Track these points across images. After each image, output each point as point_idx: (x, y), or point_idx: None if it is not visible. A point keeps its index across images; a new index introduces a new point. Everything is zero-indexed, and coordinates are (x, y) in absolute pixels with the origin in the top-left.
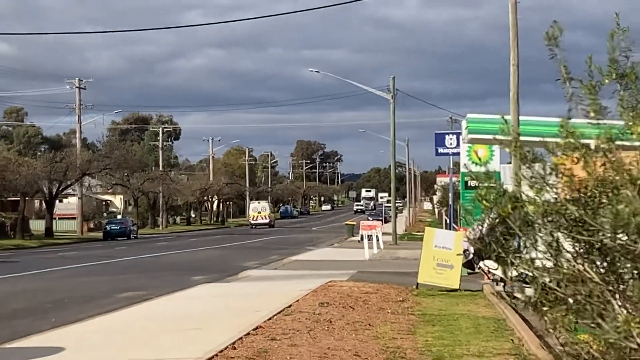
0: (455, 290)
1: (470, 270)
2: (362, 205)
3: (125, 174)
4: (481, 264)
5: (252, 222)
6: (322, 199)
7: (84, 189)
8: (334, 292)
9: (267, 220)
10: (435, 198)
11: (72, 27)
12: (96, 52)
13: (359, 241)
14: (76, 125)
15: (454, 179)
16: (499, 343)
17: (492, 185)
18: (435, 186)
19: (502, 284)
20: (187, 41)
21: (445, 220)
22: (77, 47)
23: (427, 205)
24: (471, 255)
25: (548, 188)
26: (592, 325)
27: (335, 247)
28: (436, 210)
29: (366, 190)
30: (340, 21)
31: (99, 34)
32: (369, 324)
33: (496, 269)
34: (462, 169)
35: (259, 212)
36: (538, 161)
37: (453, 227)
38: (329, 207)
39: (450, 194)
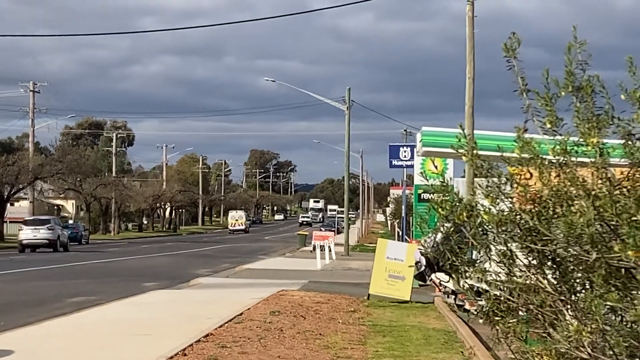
0: (407, 301)
1: (421, 282)
2: (308, 217)
3: (78, 179)
4: (433, 276)
5: (231, 228)
6: (275, 208)
7: (36, 193)
8: (285, 301)
9: (243, 227)
10: (388, 210)
11: (25, 30)
12: (50, 55)
13: (311, 251)
14: (29, 129)
15: (407, 191)
16: (448, 355)
17: (447, 195)
18: (389, 198)
19: (454, 296)
20: (142, 47)
21: (398, 233)
22: (30, 50)
23: (379, 217)
24: (423, 267)
25: (503, 197)
26: (544, 335)
27: (287, 256)
28: (389, 222)
29: (314, 201)
30: (295, 32)
31: (53, 37)
32: (320, 334)
33: (448, 282)
34: (416, 182)
35: (237, 220)
36: (493, 171)
37: (405, 239)
38: (281, 216)
39: (403, 206)
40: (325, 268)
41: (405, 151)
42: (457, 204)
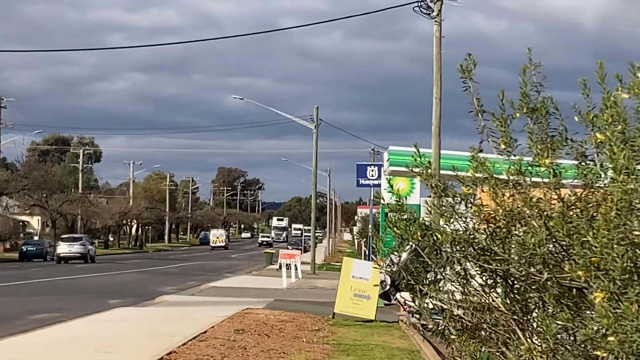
0: (371, 320)
1: (387, 302)
2: (268, 237)
3: (44, 195)
4: (398, 295)
5: (212, 245)
6: (242, 226)
7: (1, 209)
8: (250, 320)
9: (223, 244)
10: (356, 229)
11: None
12: (17, 71)
13: (277, 269)
14: None
15: (374, 210)
16: None
17: (402, 214)
18: (356, 217)
19: (418, 315)
20: (111, 64)
21: (365, 251)
22: None
23: (347, 236)
24: (388, 287)
25: (457, 217)
26: (498, 353)
27: (253, 274)
28: (356, 241)
29: (278, 219)
30: (263, 50)
31: (20, 52)
32: (284, 352)
33: (419, 301)
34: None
35: (217, 238)
36: (449, 191)
37: (372, 258)
38: (248, 234)
39: (370, 225)
40: (291, 286)
41: (372, 170)
42: (412, 223)
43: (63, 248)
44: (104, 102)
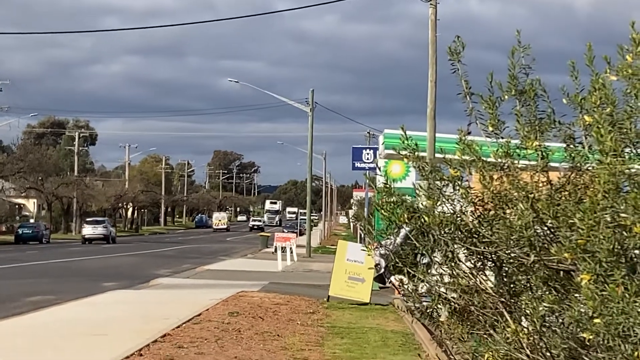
0: (366, 303)
1: (381, 285)
2: (259, 221)
3: (40, 178)
4: (392, 278)
5: (215, 227)
6: (238, 209)
7: None
8: (244, 302)
9: (225, 226)
10: (351, 212)
11: None
12: (12, 54)
13: (272, 253)
14: None
15: (369, 193)
16: (406, 357)
17: (390, 196)
18: (352, 200)
19: (408, 298)
20: (106, 47)
21: (360, 235)
22: None
23: (342, 219)
24: (382, 270)
25: (445, 199)
26: (485, 336)
27: (248, 257)
28: (351, 224)
29: (271, 202)
30: (258, 33)
31: (15, 35)
32: (278, 335)
33: (407, 284)
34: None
35: (220, 220)
36: (436, 173)
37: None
38: (244, 217)
39: (365, 209)
40: (286, 269)
41: (368, 153)
42: (399, 205)
43: (87, 230)
44: (99, 85)
